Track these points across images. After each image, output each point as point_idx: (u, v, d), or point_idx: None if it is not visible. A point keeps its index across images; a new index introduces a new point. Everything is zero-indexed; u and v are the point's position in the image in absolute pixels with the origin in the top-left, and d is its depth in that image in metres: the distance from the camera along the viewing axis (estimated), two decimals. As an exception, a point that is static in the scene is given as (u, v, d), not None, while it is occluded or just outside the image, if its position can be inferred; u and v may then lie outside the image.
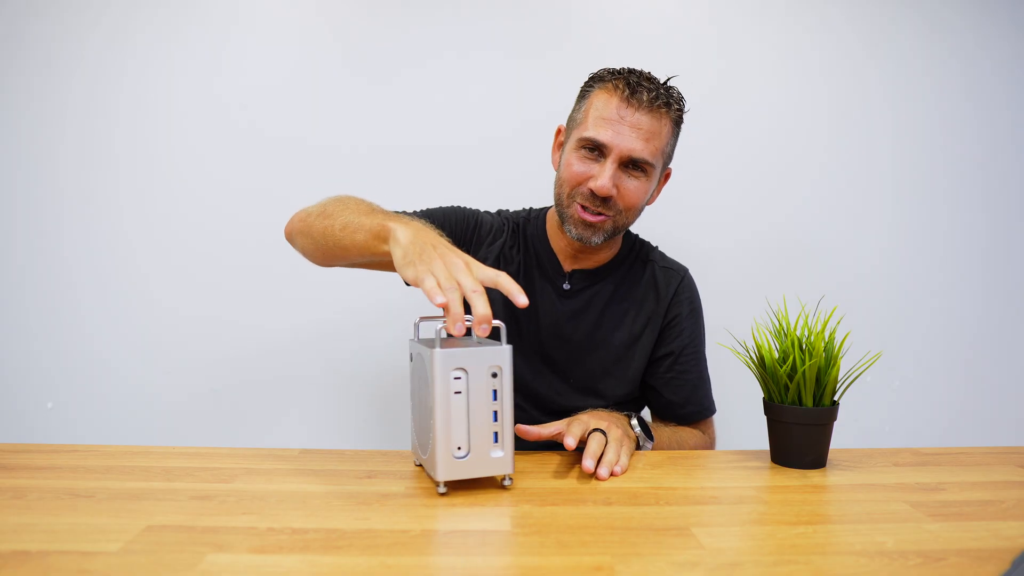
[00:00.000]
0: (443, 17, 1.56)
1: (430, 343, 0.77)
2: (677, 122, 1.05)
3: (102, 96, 1.55)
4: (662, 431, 1.07)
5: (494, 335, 0.99)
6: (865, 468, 0.87)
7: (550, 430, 0.86)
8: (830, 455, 0.89)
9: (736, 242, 1.60)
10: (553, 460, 0.88)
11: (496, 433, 0.76)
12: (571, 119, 1.08)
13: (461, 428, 0.74)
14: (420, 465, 0.85)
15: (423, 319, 0.86)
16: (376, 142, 1.57)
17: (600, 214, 1.02)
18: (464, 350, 0.74)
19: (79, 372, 1.58)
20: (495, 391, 0.75)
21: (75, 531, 0.63)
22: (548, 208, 1.18)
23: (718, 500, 0.75)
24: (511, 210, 1.22)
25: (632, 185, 1.02)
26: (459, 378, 0.74)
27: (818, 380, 0.86)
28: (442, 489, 0.74)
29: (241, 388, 1.59)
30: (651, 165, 1.02)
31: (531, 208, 1.22)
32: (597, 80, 1.05)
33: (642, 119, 0.99)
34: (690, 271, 1.19)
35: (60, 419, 1.57)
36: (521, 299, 0.69)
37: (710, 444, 1.16)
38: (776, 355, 0.88)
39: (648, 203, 1.10)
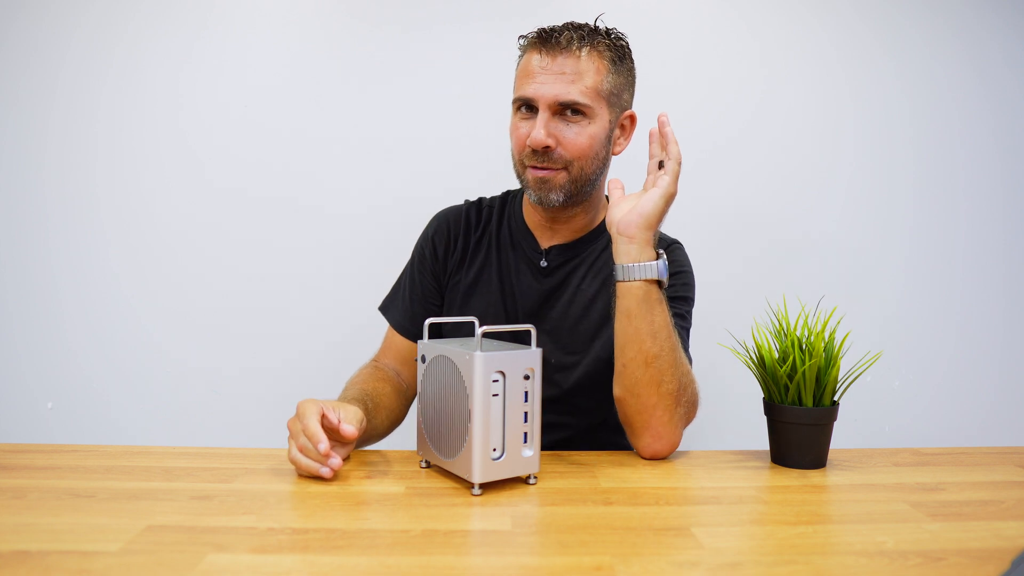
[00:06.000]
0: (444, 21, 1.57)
1: (455, 345, 0.78)
2: (615, 59, 0.99)
3: (91, 96, 1.55)
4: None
5: (524, 338, 0.94)
6: (865, 468, 0.87)
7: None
8: (830, 455, 0.89)
9: (736, 241, 1.60)
10: (554, 460, 0.89)
11: (526, 433, 0.77)
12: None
13: (497, 430, 0.75)
14: (429, 466, 0.85)
15: (432, 321, 0.86)
16: (372, 135, 1.57)
17: (547, 168, 0.98)
18: (502, 353, 0.75)
19: (79, 372, 1.57)
20: (526, 392, 0.76)
21: (75, 531, 0.63)
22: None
23: (718, 500, 0.75)
24: (487, 197, 1.17)
25: (572, 132, 0.97)
26: (496, 380, 0.75)
27: (818, 380, 0.86)
28: (477, 491, 0.75)
29: (241, 388, 1.59)
30: (587, 106, 0.96)
31: (508, 191, 1.17)
32: (521, 45, 1.02)
33: (564, 63, 0.95)
34: (686, 250, 1.11)
35: (60, 419, 1.57)
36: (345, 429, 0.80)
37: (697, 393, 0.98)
38: (776, 355, 0.88)
39: (614, 152, 1.04)
